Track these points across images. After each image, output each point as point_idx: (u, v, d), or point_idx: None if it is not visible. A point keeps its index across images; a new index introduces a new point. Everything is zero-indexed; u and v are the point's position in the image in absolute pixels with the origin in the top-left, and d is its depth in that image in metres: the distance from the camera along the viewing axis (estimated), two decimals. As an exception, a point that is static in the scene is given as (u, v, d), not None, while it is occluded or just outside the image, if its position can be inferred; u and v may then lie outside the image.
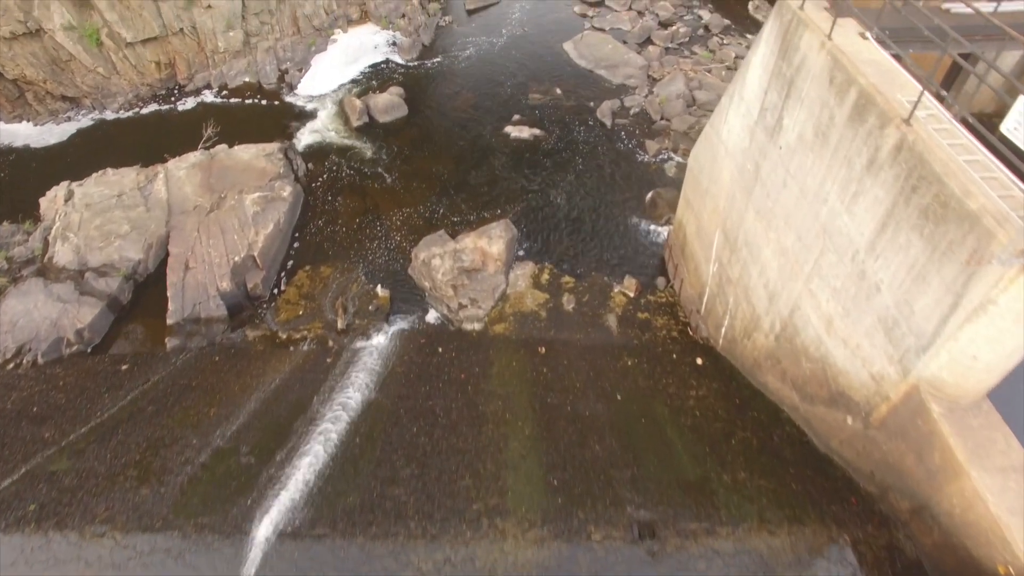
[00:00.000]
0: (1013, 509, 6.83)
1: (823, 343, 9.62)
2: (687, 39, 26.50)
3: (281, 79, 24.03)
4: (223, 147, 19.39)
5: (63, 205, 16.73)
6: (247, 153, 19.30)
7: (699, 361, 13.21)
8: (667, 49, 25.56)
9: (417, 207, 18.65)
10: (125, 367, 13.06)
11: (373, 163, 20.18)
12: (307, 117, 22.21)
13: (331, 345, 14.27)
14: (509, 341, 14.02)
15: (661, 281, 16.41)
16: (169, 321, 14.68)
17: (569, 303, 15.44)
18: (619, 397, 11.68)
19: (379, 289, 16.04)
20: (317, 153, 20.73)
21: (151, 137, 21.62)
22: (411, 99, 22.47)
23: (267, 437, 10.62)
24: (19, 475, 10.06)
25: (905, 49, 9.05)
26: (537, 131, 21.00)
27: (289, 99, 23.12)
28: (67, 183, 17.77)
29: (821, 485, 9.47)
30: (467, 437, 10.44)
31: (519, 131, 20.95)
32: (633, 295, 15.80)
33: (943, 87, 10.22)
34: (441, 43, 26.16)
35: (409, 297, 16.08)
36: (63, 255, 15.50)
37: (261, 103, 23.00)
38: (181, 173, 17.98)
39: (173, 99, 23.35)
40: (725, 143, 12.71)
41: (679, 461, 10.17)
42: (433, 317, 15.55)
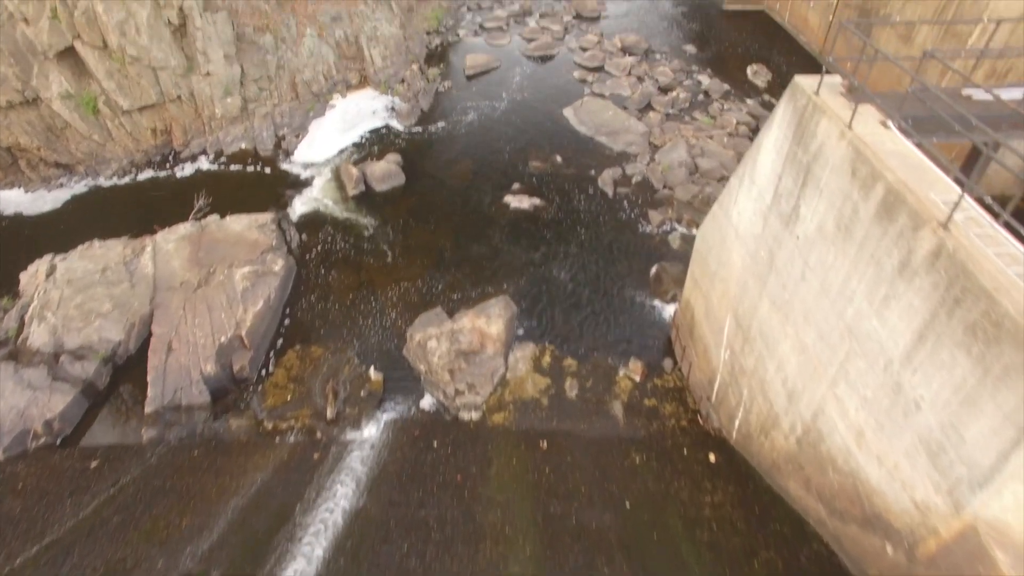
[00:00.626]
0: None
1: (853, 456, 8.77)
2: (687, 104, 26.40)
3: (278, 145, 23.73)
4: (214, 218, 18.86)
5: (44, 281, 16.04)
6: (239, 224, 18.75)
7: (712, 458, 12.29)
8: (668, 115, 25.39)
9: (413, 281, 17.98)
10: (95, 464, 12.11)
11: (369, 234, 19.62)
12: (302, 185, 21.78)
13: (319, 437, 13.35)
14: (509, 434, 13.12)
15: (668, 363, 15.60)
16: (147, 409, 13.80)
17: (572, 389, 14.59)
18: (628, 504, 10.72)
19: (372, 372, 15.22)
20: (312, 223, 20.20)
21: (143, 205, 21.17)
22: (409, 167, 22.09)
23: (243, 556, 9.62)
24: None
25: (928, 138, 8.50)
26: (537, 200, 20.53)
27: (285, 166, 22.74)
28: (50, 256, 17.14)
29: (858, 617, 8.49)
30: (462, 558, 9.45)
31: (519, 200, 20.48)
32: (639, 379, 14.97)
33: (963, 172, 9.71)
34: (440, 108, 26.01)
35: (403, 381, 15.24)
36: (39, 336, 14.71)
37: (256, 170, 22.60)
38: (170, 246, 17.36)
39: (168, 165, 22.97)
40: (735, 226, 12.10)
41: (698, 586, 9.18)
42: (428, 403, 14.66)
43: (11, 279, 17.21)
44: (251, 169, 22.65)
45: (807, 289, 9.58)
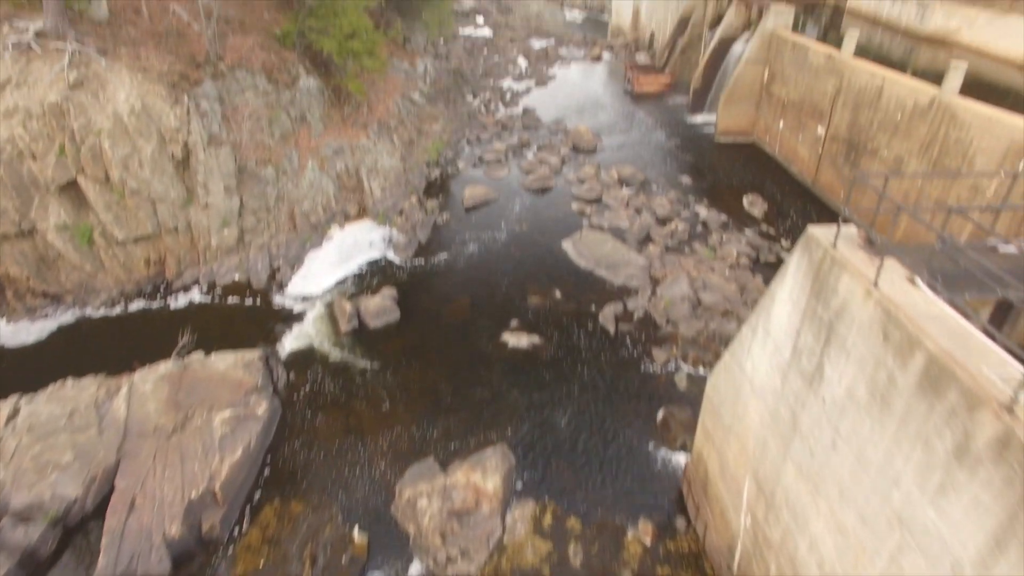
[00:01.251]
0: None
1: (917, 671, 7.37)
2: (686, 236, 26.37)
3: (272, 277, 23.30)
4: (199, 355, 17.98)
5: (3, 427, 14.87)
6: (224, 362, 17.84)
7: (741, 648, 10.67)
8: (667, 247, 25.26)
9: (405, 427, 16.83)
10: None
11: (360, 374, 18.67)
12: (294, 320, 21.09)
13: (290, 616, 11.74)
14: (506, 616, 11.53)
15: (681, 522, 14.15)
16: (96, 581, 12.24)
17: (576, 555, 13.08)
18: None
19: (356, 533, 13.75)
20: (301, 361, 19.30)
21: (129, 338, 20.36)
22: (404, 302, 21.52)
23: None
24: None
25: (960, 295, 7.81)
26: (536, 339, 19.77)
27: (278, 299, 22.17)
28: (16, 397, 16.02)
29: None
30: None
31: (517, 339, 19.71)
32: (650, 542, 13.50)
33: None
34: (438, 240, 25.90)
35: (390, 543, 13.73)
36: (-14, 493, 13.37)
37: (248, 303, 22.01)
38: (147, 387, 16.34)
39: (159, 296, 22.41)
40: (750, 379, 11.21)
41: None
42: (417, 572, 13.09)
43: (-26, 422, 16.04)
44: (243, 302, 22.06)
45: (840, 461, 8.54)
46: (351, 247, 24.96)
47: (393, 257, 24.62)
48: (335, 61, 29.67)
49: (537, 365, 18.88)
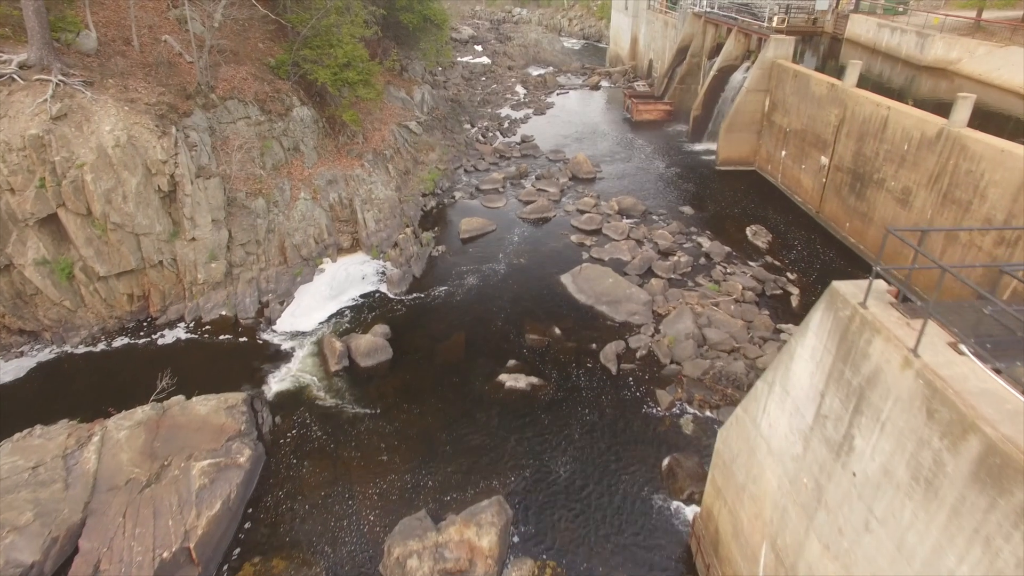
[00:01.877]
0: None
1: None
2: (689, 269, 25.62)
3: (260, 313, 22.47)
4: (179, 399, 17.06)
5: (-36, 483, 13.92)
6: (205, 406, 16.92)
7: None
8: (670, 281, 24.48)
9: (396, 475, 15.87)
10: None
11: (349, 418, 17.75)
12: (282, 359, 20.20)
13: None
14: None
15: (692, 585, 13.19)
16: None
17: (579, 625, 12.08)
18: None
19: (338, 598, 12.75)
20: (288, 403, 18.38)
21: (108, 377, 19.48)
22: (397, 339, 20.67)
23: None
24: None
25: (1012, 364, 6.98)
26: (534, 380, 18.88)
27: (266, 336, 21.31)
28: (-21, 449, 15.11)
29: None
30: None
31: (514, 380, 18.82)
32: (659, 609, 12.50)
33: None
34: (433, 274, 25.12)
35: (375, 611, 12.73)
36: (-63, 560, 12.40)
37: (235, 340, 21.14)
38: (122, 435, 15.39)
39: (142, 333, 21.54)
40: (766, 439, 10.34)
41: None
42: (404, 644, 12.08)
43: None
44: (229, 339, 21.20)
45: (876, 546, 7.64)
46: (343, 281, 24.17)
47: (386, 291, 23.81)
48: (330, 91, 29.19)
49: (535, 408, 17.97)
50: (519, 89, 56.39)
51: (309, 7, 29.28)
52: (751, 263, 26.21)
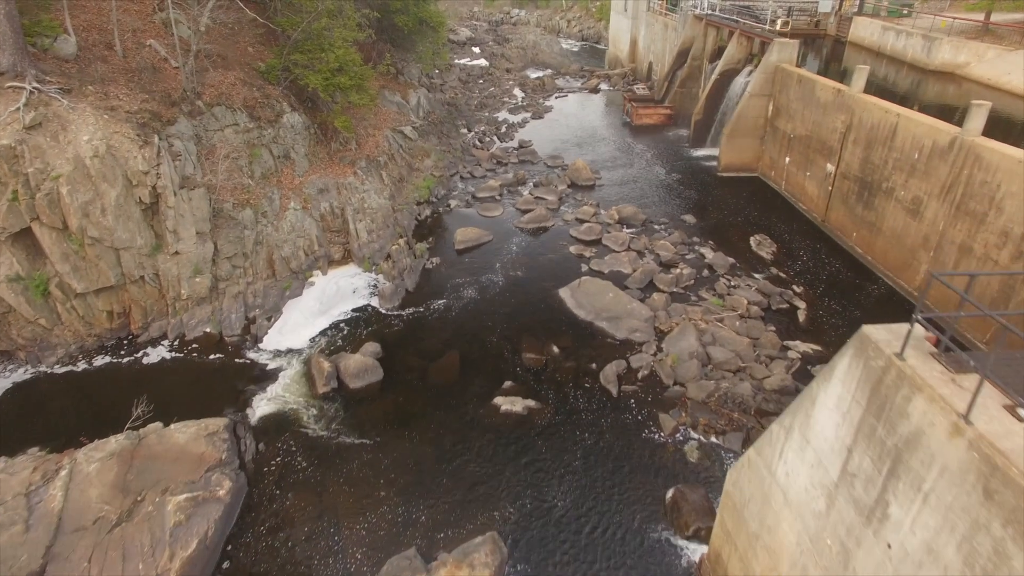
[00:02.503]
0: None
1: None
2: (692, 282, 24.76)
3: (246, 330, 21.57)
4: (156, 426, 16.15)
5: (-80, 523, 13.01)
6: (184, 434, 16.02)
7: None
8: (672, 295, 23.60)
9: (385, 508, 14.98)
10: None
11: (336, 445, 16.86)
12: (268, 379, 19.30)
13: None
14: None
15: (699, 633, 12.33)
16: None
17: None
18: None
19: (319, 650, 11.88)
20: (273, 428, 17.48)
21: (84, 400, 18.59)
22: (388, 359, 19.78)
23: None
24: None
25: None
26: (531, 403, 18.00)
27: (251, 355, 20.41)
28: (-59, 485, 14.21)
29: None
30: None
31: (510, 403, 17.94)
32: (665, 662, 11.64)
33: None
34: (427, 288, 24.21)
35: (359, 664, 11.86)
36: None
37: (219, 359, 20.25)
38: (92, 468, 14.49)
39: (123, 352, 20.63)
40: (783, 488, 9.47)
41: None
42: None
43: None
44: (214, 358, 20.30)
45: (913, 626, 6.78)
46: (333, 296, 23.28)
47: (378, 306, 22.92)
48: (321, 97, 28.31)
49: (532, 434, 17.10)
50: (517, 92, 55.51)
51: (300, 10, 28.38)
52: (756, 275, 25.37)
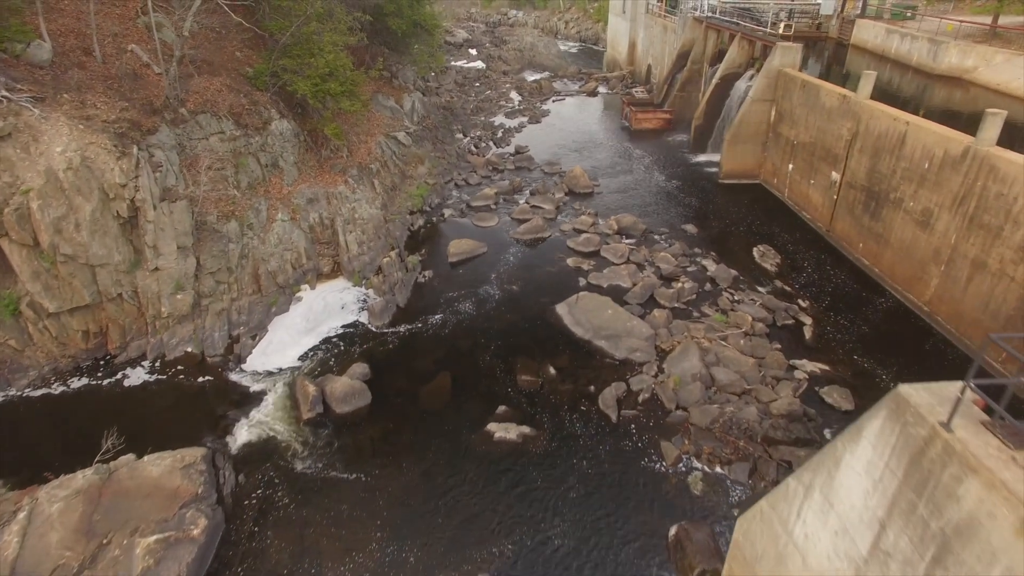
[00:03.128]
0: None
1: None
2: (694, 296, 23.87)
3: (229, 349, 20.64)
4: (128, 459, 15.22)
5: None
6: (158, 466, 15.10)
7: None
8: (674, 310, 22.71)
9: (371, 547, 14.06)
10: None
11: (320, 476, 15.94)
12: (250, 403, 18.38)
13: None
14: None
15: None
16: None
17: None
18: None
19: None
20: (254, 457, 16.57)
21: (54, 427, 17.66)
22: (376, 381, 18.88)
23: None
24: None
25: None
26: (526, 429, 17.09)
27: (234, 377, 19.48)
28: None
29: None
30: None
31: (504, 429, 17.04)
32: None
33: None
34: (418, 303, 23.29)
35: None
36: None
37: (200, 381, 19.32)
38: (55, 508, 13.56)
39: (100, 373, 19.69)
40: (801, 551, 8.57)
41: None
42: None
43: None
44: (194, 380, 19.37)
45: None
46: (321, 312, 22.36)
47: (367, 323, 22.00)
48: (311, 104, 27.38)
49: (527, 463, 16.19)
50: (514, 95, 54.60)
51: (289, 14, 27.45)
52: (759, 288, 24.50)
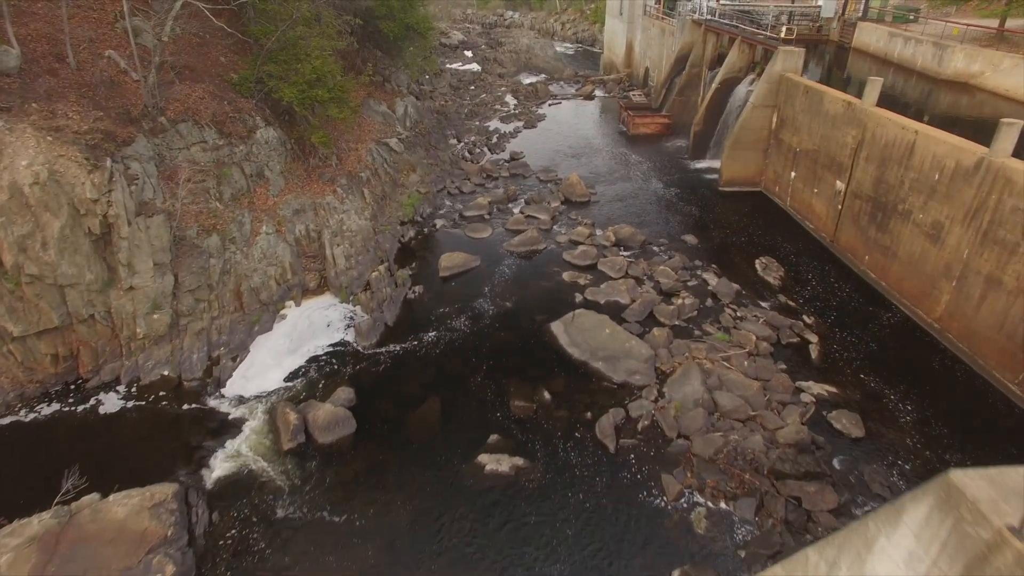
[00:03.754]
0: None
1: None
2: (695, 312, 22.93)
3: (208, 372, 19.64)
4: (92, 499, 14.21)
5: None
6: (125, 506, 14.10)
7: None
8: (674, 329, 21.75)
9: (349, 598, 13.12)
10: None
11: (300, 515, 14.95)
12: (228, 432, 17.39)
13: None
14: None
15: None
16: None
17: None
18: None
19: None
20: (230, 493, 15.57)
21: (18, 460, 16.60)
22: (362, 407, 17.90)
23: None
24: None
25: None
26: (519, 460, 16.13)
27: (212, 402, 18.49)
28: None
29: None
30: None
31: (496, 461, 16.07)
32: None
33: None
34: (408, 321, 22.30)
35: None
36: None
37: (176, 408, 18.32)
38: (3, 560, 12.53)
39: (70, 399, 18.67)
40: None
41: None
42: None
43: None
44: (170, 406, 18.37)
45: None
46: (305, 331, 21.36)
47: (354, 343, 21.02)
48: (297, 111, 26.38)
49: (520, 498, 15.23)
50: (509, 99, 53.62)
51: (274, 17, 26.46)
52: (762, 303, 23.59)
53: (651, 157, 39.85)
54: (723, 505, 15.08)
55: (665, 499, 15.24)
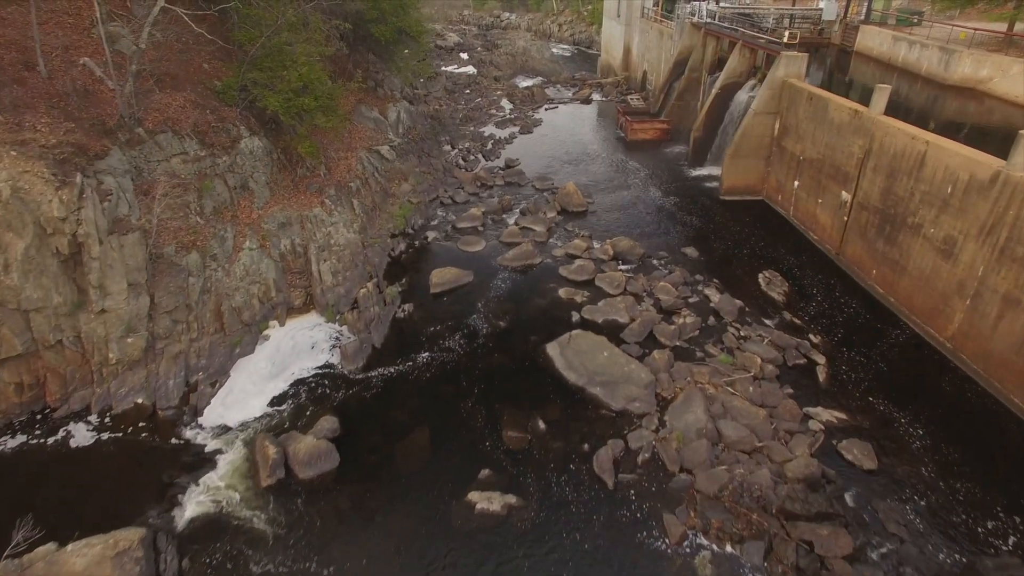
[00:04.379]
0: None
1: None
2: (697, 332, 21.93)
3: (185, 400, 18.60)
4: (48, 549, 13.19)
5: None
6: (84, 556, 13.08)
7: None
8: (675, 350, 20.77)
9: (326, 658, 12.11)
10: None
11: (278, 559, 13.90)
12: (204, 467, 16.34)
13: None
14: None
15: None
16: None
17: None
18: None
19: None
20: (203, 535, 14.53)
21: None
22: (346, 439, 16.88)
23: None
24: None
25: None
26: (511, 498, 15.10)
27: (188, 433, 17.45)
28: None
29: None
30: None
31: (487, 499, 15.05)
32: None
33: None
34: (396, 342, 21.26)
35: None
36: None
37: (149, 440, 17.29)
38: (-46, 618, 11.56)
39: (36, 430, 17.59)
40: None
41: None
42: None
43: None
44: (142, 438, 17.33)
45: None
46: (289, 353, 20.35)
47: (339, 365, 19.99)
48: (283, 120, 25.36)
49: (512, 541, 14.21)
50: (505, 103, 52.63)
51: (259, 23, 25.43)
52: (767, 321, 22.63)
53: (650, 164, 38.87)
54: (729, 548, 14.09)
55: (667, 541, 14.25)
